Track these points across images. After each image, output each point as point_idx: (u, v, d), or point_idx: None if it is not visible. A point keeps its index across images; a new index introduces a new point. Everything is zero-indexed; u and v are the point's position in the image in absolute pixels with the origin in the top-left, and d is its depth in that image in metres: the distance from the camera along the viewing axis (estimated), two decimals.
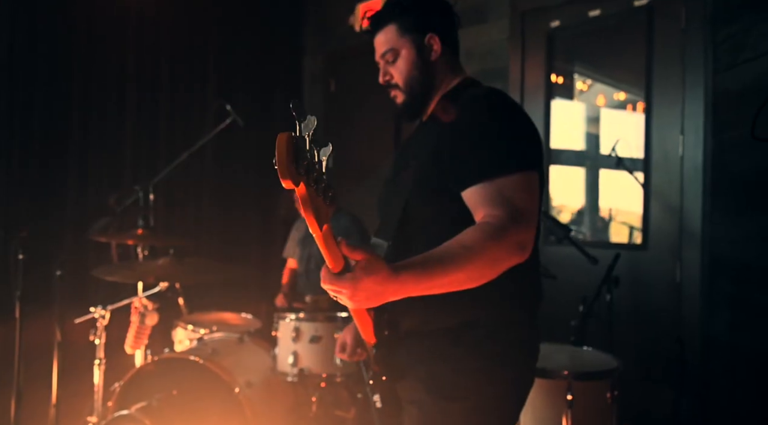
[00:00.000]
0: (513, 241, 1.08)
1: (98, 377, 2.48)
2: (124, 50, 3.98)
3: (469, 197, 1.17)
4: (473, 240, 1.06)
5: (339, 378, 2.48)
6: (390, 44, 1.37)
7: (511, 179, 1.14)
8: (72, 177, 3.78)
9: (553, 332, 2.48)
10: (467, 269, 1.05)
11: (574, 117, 3.78)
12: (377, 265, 0.96)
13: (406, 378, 1.26)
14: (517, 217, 1.10)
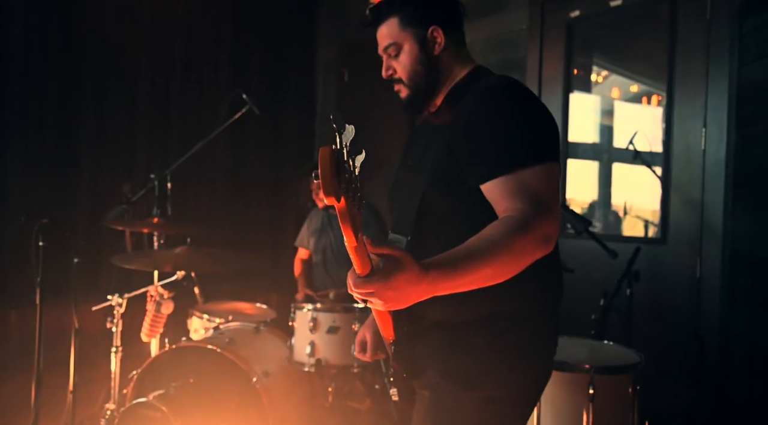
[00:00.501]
0: (539, 234, 1.06)
1: (115, 364, 2.49)
2: (137, 40, 3.97)
3: (490, 190, 1.15)
4: (499, 235, 1.04)
5: (355, 368, 2.47)
6: (392, 38, 1.34)
7: (533, 171, 1.11)
8: (85, 166, 3.79)
9: (571, 325, 2.47)
10: (495, 265, 1.03)
11: (590, 110, 3.74)
12: (407, 262, 0.93)
13: (425, 372, 1.25)
14: (541, 209, 1.07)
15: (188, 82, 4.20)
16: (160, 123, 4.08)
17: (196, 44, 4.21)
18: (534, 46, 3.48)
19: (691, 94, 2.84)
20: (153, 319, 2.59)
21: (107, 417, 2.41)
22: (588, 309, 2.38)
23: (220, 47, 4.35)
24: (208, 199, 4.27)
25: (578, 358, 1.89)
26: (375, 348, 1.44)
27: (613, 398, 1.80)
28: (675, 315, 2.79)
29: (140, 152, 3.98)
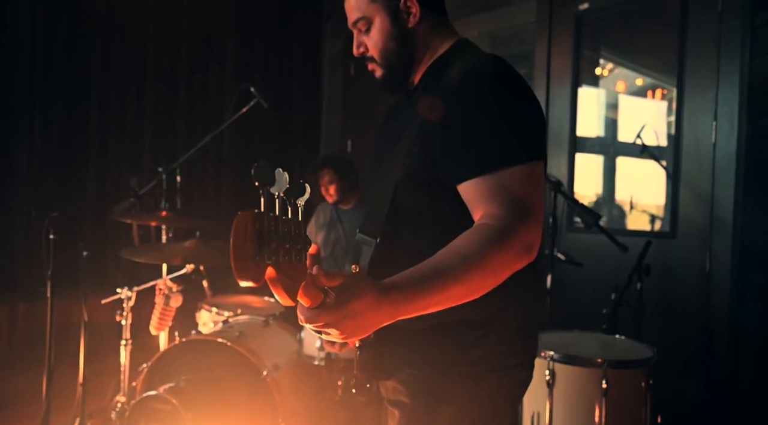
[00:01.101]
0: (520, 243, 0.95)
1: (124, 357, 2.49)
2: (143, 34, 3.97)
3: (466, 191, 1.02)
4: (473, 248, 0.92)
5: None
6: (361, 11, 1.18)
7: (515, 171, 0.99)
8: (93, 160, 3.79)
9: (582, 320, 2.47)
10: (467, 283, 0.92)
11: (596, 104, 3.73)
12: (364, 286, 0.83)
13: (390, 379, 1.17)
14: (522, 215, 0.96)
15: (195, 77, 4.19)
16: (167, 117, 4.08)
17: (202, 39, 4.20)
18: (542, 39, 3.46)
19: (701, 87, 2.82)
20: (162, 312, 2.59)
21: (118, 410, 2.42)
22: (598, 303, 2.37)
23: (227, 42, 4.34)
24: (215, 192, 4.27)
25: (591, 353, 1.88)
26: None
27: (626, 392, 1.80)
28: (685, 310, 2.78)
29: (147, 145, 3.98)
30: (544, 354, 1.85)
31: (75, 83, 3.72)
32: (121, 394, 2.48)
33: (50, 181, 3.60)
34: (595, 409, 1.78)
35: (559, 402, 1.82)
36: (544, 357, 1.85)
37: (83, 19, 3.73)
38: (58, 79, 3.66)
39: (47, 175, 3.60)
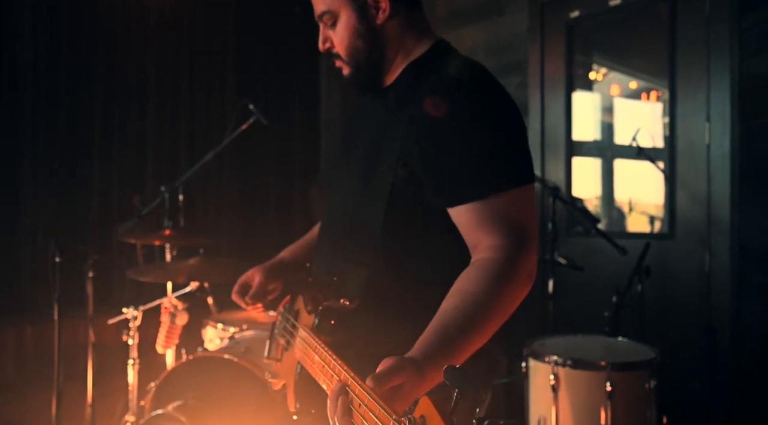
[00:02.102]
0: (524, 273, 0.93)
1: (132, 376, 2.51)
2: (143, 53, 4.01)
3: (461, 215, 0.98)
4: (486, 291, 0.89)
5: None
6: (326, 5, 1.10)
7: (512, 195, 0.96)
8: (96, 181, 3.83)
9: (584, 323, 2.49)
10: (490, 328, 0.90)
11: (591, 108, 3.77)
12: (405, 376, 0.78)
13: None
14: (524, 243, 0.94)
15: (195, 96, 4.24)
16: (168, 136, 4.12)
17: (201, 56, 4.25)
18: (535, 47, 3.51)
19: (693, 89, 2.87)
20: (168, 331, 2.61)
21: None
22: (600, 306, 2.39)
23: (226, 60, 4.39)
24: (217, 209, 4.30)
25: (594, 356, 1.91)
26: (260, 295, 1.27)
27: (630, 394, 1.82)
28: (686, 310, 2.80)
29: (149, 165, 4.02)
30: (548, 358, 1.87)
31: (76, 106, 3.77)
32: (130, 413, 2.50)
33: (54, 203, 3.63)
34: (601, 412, 1.80)
35: (565, 406, 1.84)
36: (548, 362, 1.87)
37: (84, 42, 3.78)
38: (60, 102, 3.71)
39: (51, 197, 3.63)
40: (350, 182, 1.14)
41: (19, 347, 3.51)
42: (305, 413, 1.06)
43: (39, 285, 3.64)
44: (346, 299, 1.03)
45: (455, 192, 0.98)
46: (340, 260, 1.12)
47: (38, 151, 3.63)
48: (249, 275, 1.31)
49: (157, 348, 2.63)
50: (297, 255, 1.39)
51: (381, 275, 1.05)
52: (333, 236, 1.19)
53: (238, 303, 1.30)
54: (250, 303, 1.29)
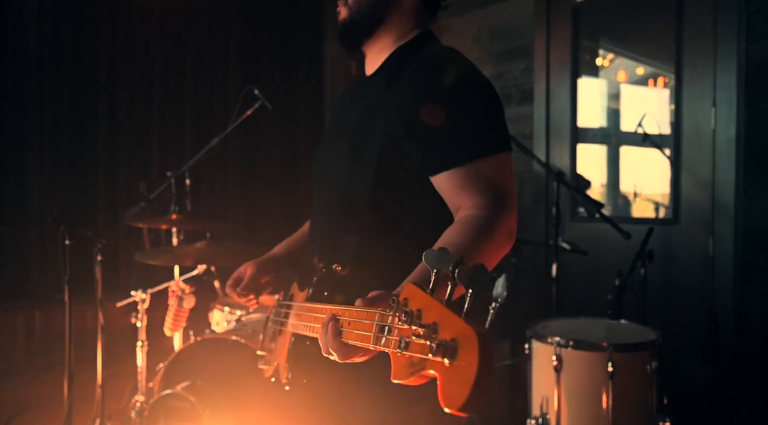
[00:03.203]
0: (505, 230, 0.98)
1: (141, 358, 2.55)
2: (148, 39, 4.02)
3: (444, 182, 1.04)
4: (469, 241, 0.93)
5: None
6: None
7: (491, 161, 1.02)
8: (102, 167, 3.86)
9: (587, 306, 2.50)
10: None
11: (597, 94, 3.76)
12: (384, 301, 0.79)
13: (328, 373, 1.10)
14: (503, 202, 0.99)
15: (199, 80, 4.25)
16: (173, 121, 4.14)
17: (205, 43, 4.26)
18: (540, 32, 3.49)
19: (699, 73, 2.85)
20: (176, 314, 2.65)
21: (137, 409, 2.47)
22: (603, 290, 2.41)
23: (230, 45, 4.40)
24: (223, 194, 4.33)
25: (596, 337, 1.92)
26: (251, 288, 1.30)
27: (632, 375, 1.84)
28: (689, 294, 2.82)
29: (155, 151, 4.05)
30: (551, 340, 1.89)
31: (82, 93, 3.79)
32: (140, 394, 2.54)
33: (61, 189, 3.67)
34: (602, 393, 1.82)
35: (567, 387, 1.86)
36: (551, 343, 1.89)
37: (88, 29, 3.80)
38: (65, 89, 3.73)
39: (58, 183, 3.66)
40: (340, 158, 1.18)
41: (28, 332, 3.56)
42: (297, 383, 1.08)
43: (47, 272, 3.69)
44: (338, 265, 1.06)
45: (437, 160, 1.04)
46: (332, 231, 1.17)
47: (44, 138, 3.66)
48: (242, 269, 1.35)
49: (165, 331, 2.67)
50: (291, 249, 1.42)
51: (370, 243, 1.09)
52: (325, 210, 1.23)
53: (231, 296, 1.34)
54: (242, 295, 1.31)
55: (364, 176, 1.11)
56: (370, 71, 1.22)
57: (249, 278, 1.31)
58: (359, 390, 1.11)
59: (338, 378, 1.13)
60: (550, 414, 1.91)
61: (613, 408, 1.80)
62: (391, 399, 1.08)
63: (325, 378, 1.13)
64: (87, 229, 2.58)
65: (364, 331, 0.77)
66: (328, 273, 1.06)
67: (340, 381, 1.13)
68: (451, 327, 0.59)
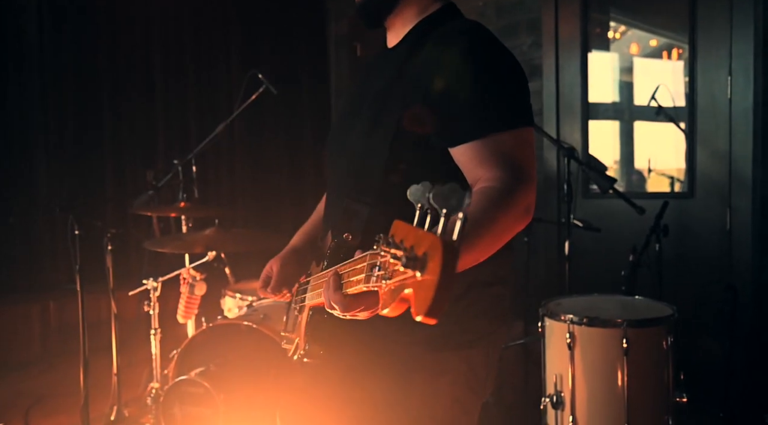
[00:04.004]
0: (522, 205, 0.96)
1: (155, 346, 2.56)
2: (148, 27, 4.00)
3: (462, 154, 1.03)
4: (482, 212, 0.92)
5: None
6: None
7: (511, 135, 1.01)
8: (108, 156, 3.87)
9: (601, 283, 2.47)
10: (482, 246, 0.92)
11: (608, 68, 3.67)
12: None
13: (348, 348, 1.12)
14: (521, 177, 0.97)
15: (201, 66, 4.23)
16: (177, 109, 4.12)
17: (206, 27, 4.23)
18: (548, 5, 3.41)
19: (714, 42, 2.77)
20: (188, 301, 2.65)
21: (153, 396, 2.49)
22: (617, 267, 2.37)
23: (231, 29, 4.36)
24: (230, 180, 4.32)
25: (610, 314, 1.89)
26: (281, 283, 1.28)
27: (647, 351, 1.81)
28: (706, 268, 2.77)
29: (161, 139, 4.04)
30: (564, 317, 1.87)
31: (85, 84, 3.78)
32: (155, 381, 2.56)
33: (68, 180, 3.68)
34: (617, 369, 1.79)
35: (581, 364, 1.84)
36: (564, 321, 1.86)
37: (88, 17, 3.78)
38: (69, 80, 3.73)
39: (65, 174, 3.68)
40: (357, 131, 1.17)
41: (43, 322, 3.60)
42: (314, 354, 1.08)
43: (59, 263, 3.72)
44: (348, 234, 1.05)
45: (456, 133, 1.03)
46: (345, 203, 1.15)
47: (50, 130, 3.67)
48: (267, 268, 1.33)
49: (178, 318, 2.68)
50: (309, 236, 1.40)
51: (383, 214, 1.04)
52: (339, 184, 1.22)
53: (266, 296, 1.33)
54: (276, 292, 1.30)
55: (379, 147, 1.10)
56: (392, 44, 1.21)
57: (277, 274, 1.30)
58: (380, 366, 1.11)
59: (358, 354, 1.13)
60: (564, 392, 1.89)
61: (628, 385, 1.78)
62: (413, 374, 1.09)
63: (344, 352, 1.14)
64: (96, 219, 2.59)
65: (359, 275, 0.78)
66: (339, 243, 1.06)
67: (360, 357, 1.14)
68: (425, 243, 0.62)
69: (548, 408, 1.93)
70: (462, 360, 1.11)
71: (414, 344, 1.09)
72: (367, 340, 1.12)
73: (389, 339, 1.11)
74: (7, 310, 3.53)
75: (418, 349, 1.09)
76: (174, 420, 2.23)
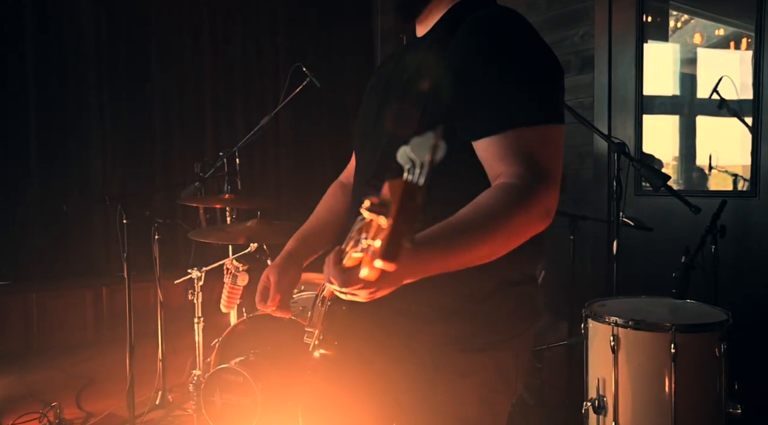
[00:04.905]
0: (542, 207, 0.92)
1: (198, 334, 2.62)
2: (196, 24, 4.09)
3: (484, 149, 0.98)
4: (498, 207, 0.89)
5: None
6: None
7: (537, 131, 0.96)
8: (158, 149, 3.99)
9: (651, 285, 2.35)
10: (494, 243, 0.89)
11: (667, 59, 3.50)
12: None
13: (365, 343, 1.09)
14: (543, 177, 0.93)
15: (249, 60, 4.30)
16: (225, 102, 4.21)
17: (253, 21, 4.29)
18: None
19: None
20: (230, 291, 2.69)
21: (194, 383, 2.55)
22: (668, 268, 2.25)
23: (277, 21, 4.41)
24: (275, 172, 4.38)
25: (658, 317, 1.80)
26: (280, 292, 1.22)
27: (697, 358, 1.71)
28: (766, 272, 2.60)
29: (209, 131, 4.13)
30: (608, 319, 1.79)
31: (137, 79, 3.92)
32: (197, 368, 2.62)
33: (120, 171, 3.82)
34: (664, 376, 1.70)
35: (625, 368, 1.75)
36: (608, 323, 1.78)
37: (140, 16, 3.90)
38: (121, 73, 3.87)
39: (118, 165, 3.82)
40: (384, 122, 1.14)
41: (96, 308, 3.76)
42: (329, 344, 1.08)
43: (111, 251, 3.86)
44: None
45: (478, 126, 0.99)
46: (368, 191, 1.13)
47: (105, 124, 3.81)
48: (264, 278, 1.25)
49: (221, 308, 2.73)
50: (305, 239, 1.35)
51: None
52: (365, 174, 1.19)
53: (265, 310, 1.24)
54: (275, 304, 1.22)
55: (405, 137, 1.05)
56: (421, 33, 1.18)
57: (275, 284, 1.23)
58: (404, 364, 1.09)
59: (379, 351, 1.12)
60: (607, 397, 1.81)
61: (675, 393, 1.68)
62: (439, 373, 1.06)
63: (364, 348, 1.13)
64: (144, 209, 2.67)
65: (350, 243, 0.77)
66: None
67: (382, 355, 1.12)
68: (392, 190, 0.61)
69: (590, 412, 1.86)
70: (490, 360, 1.07)
71: (440, 343, 1.07)
72: (390, 338, 1.10)
73: (413, 339, 1.08)
74: (63, 295, 3.71)
75: (444, 349, 1.07)
76: (214, 407, 2.28)
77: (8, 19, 3.61)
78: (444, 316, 1.06)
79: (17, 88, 3.69)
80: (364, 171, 1.20)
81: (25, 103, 3.71)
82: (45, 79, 3.73)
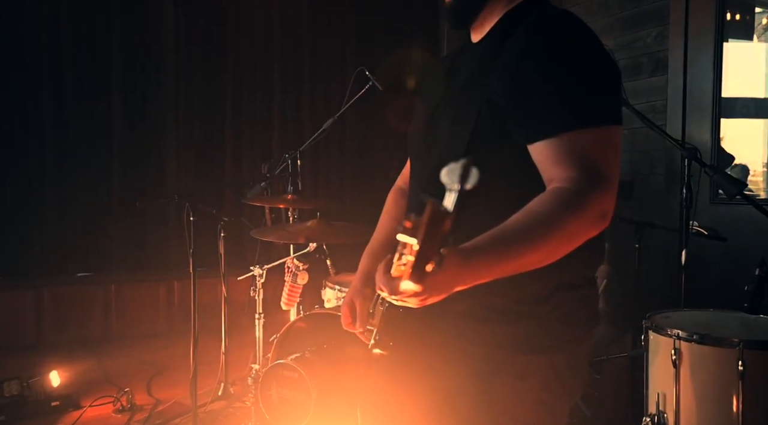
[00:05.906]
0: (596, 211, 0.91)
1: (258, 329, 2.71)
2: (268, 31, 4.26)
3: (539, 152, 0.98)
4: (550, 212, 0.89)
5: None
6: None
7: (591, 134, 0.95)
8: (228, 150, 4.17)
9: (721, 298, 2.22)
10: (546, 248, 0.90)
11: (753, 59, 3.30)
12: (451, 253, 0.80)
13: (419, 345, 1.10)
14: (599, 180, 0.92)
15: (316, 62, 4.42)
16: (293, 104, 4.35)
17: (321, 24, 4.40)
18: None
19: None
20: (291, 289, 2.77)
21: (253, 376, 2.64)
22: (741, 281, 2.12)
23: (345, 25, 4.50)
24: (338, 174, 4.47)
25: (725, 332, 1.70)
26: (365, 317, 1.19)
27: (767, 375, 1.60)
28: None
29: (276, 135, 4.28)
30: (671, 332, 1.71)
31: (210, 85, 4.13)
32: (257, 363, 2.71)
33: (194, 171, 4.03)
34: (731, 394, 1.60)
35: (688, 384, 1.67)
36: (670, 336, 1.70)
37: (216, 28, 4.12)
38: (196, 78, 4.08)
39: (190, 165, 4.02)
40: (439, 128, 1.15)
41: (168, 300, 3.96)
42: (384, 344, 1.08)
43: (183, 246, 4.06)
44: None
45: (533, 129, 0.99)
46: (421, 196, 1.15)
47: (179, 128, 4.03)
48: (349, 303, 1.23)
49: (282, 305, 2.81)
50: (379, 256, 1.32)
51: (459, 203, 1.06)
52: (420, 178, 1.20)
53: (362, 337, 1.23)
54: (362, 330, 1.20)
55: (459, 141, 1.07)
56: (476, 39, 1.17)
57: (362, 310, 1.21)
58: (460, 366, 1.09)
59: (436, 352, 1.12)
60: (668, 413, 1.73)
61: (743, 412, 1.59)
62: (494, 375, 1.06)
63: (420, 349, 1.13)
64: (211, 207, 2.79)
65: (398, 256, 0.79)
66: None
67: (439, 356, 1.12)
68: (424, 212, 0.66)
69: None
70: (546, 363, 1.07)
71: (495, 345, 1.07)
72: (446, 339, 1.11)
73: (469, 340, 1.08)
74: (137, 287, 3.94)
75: (500, 351, 1.07)
76: (270, 401, 2.35)
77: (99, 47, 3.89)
78: (500, 318, 1.06)
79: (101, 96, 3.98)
80: (419, 177, 1.21)
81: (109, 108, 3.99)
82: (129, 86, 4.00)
